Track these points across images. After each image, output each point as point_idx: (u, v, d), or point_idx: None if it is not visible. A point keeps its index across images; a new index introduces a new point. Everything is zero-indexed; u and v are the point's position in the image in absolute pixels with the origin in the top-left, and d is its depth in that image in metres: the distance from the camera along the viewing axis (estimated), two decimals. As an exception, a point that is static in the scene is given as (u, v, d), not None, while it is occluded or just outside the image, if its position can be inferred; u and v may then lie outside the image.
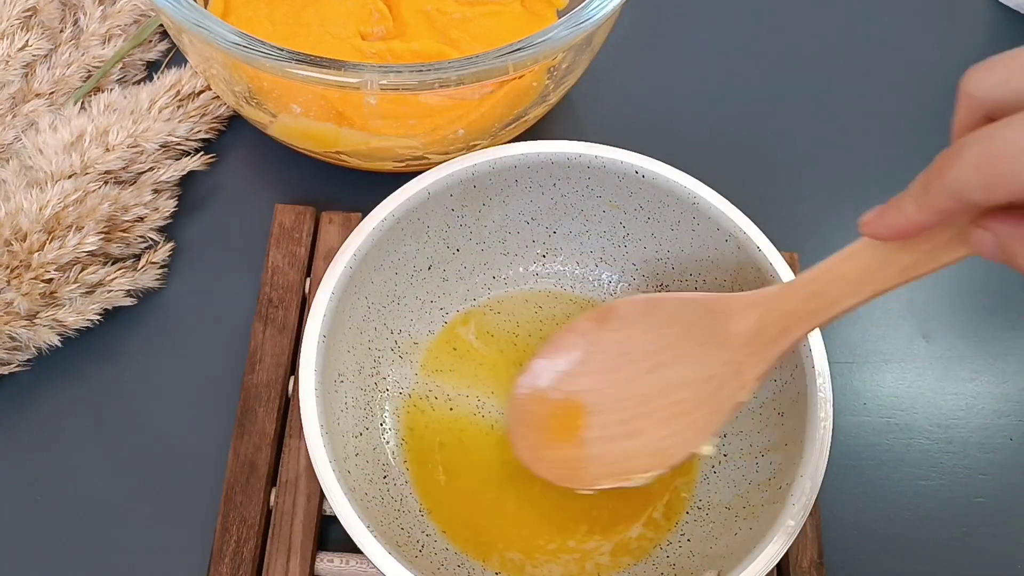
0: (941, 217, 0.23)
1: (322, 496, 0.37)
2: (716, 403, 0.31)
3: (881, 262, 0.26)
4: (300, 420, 0.32)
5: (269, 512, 0.37)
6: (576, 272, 0.42)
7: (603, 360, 0.33)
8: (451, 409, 0.39)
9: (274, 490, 0.37)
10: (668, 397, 0.32)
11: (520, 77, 0.37)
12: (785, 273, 0.35)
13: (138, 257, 0.43)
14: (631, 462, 0.32)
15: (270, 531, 0.36)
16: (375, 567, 0.30)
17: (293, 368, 0.40)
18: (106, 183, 0.42)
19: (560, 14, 0.46)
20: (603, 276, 0.42)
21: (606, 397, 0.33)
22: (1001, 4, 0.54)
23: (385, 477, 0.36)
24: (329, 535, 0.37)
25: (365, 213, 0.36)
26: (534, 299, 0.42)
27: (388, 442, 0.38)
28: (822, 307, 0.28)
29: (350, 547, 0.36)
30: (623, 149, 0.37)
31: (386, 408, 0.38)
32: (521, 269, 0.42)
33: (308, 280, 0.42)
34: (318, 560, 0.36)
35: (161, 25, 0.49)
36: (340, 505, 0.31)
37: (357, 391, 0.37)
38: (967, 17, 0.54)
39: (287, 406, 0.39)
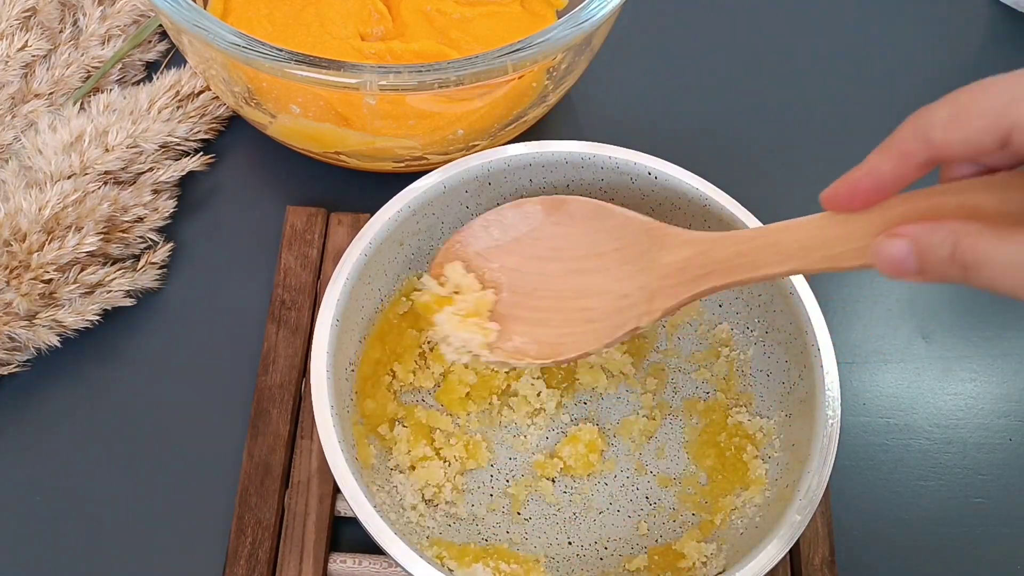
0: (900, 161, 0.24)
1: (334, 497, 0.37)
2: (619, 320, 0.31)
3: (813, 243, 0.27)
4: (311, 417, 0.31)
5: (284, 513, 0.37)
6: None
7: (536, 248, 0.34)
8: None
9: (287, 492, 0.37)
10: (581, 302, 0.32)
11: (520, 77, 0.37)
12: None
13: (137, 257, 0.42)
14: (525, 345, 0.33)
15: (282, 533, 0.36)
16: (386, 553, 0.30)
17: (306, 370, 0.40)
18: (105, 183, 0.42)
19: (560, 14, 0.46)
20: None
21: (526, 282, 0.34)
22: (1001, 3, 0.54)
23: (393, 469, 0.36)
24: (342, 536, 0.37)
25: (372, 214, 0.36)
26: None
27: (397, 431, 0.38)
28: (745, 266, 0.28)
29: (363, 548, 0.36)
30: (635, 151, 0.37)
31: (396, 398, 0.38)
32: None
33: (319, 282, 0.42)
34: (331, 561, 0.36)
35: (160, 26, 0.49)
36: (348, 487, 0.30)
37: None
38: (967, 16, 0.54)
39: (301, 408, 0.39)
